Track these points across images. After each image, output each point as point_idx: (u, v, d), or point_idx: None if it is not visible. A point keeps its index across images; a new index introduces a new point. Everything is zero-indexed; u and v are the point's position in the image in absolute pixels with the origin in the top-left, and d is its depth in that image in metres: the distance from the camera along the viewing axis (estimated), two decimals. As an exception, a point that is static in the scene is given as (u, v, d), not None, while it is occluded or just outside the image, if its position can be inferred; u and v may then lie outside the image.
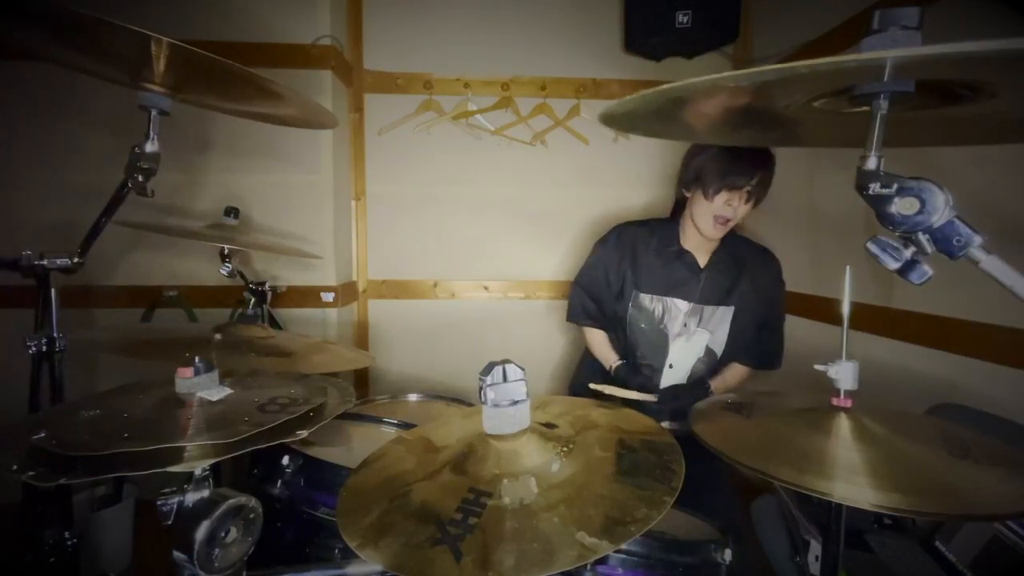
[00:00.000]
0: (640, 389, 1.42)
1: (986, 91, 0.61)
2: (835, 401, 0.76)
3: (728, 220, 1.38)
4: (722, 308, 1.49)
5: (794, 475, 0.65)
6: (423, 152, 2.26)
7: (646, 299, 1.51)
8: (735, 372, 1.54)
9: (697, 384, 1.51)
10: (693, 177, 1.39)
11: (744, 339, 1.51)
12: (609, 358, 1.56)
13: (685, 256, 1.49)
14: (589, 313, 1.60)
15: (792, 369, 1.96)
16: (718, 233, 1.41)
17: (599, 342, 1.60)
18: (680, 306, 1.49)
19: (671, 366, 1.52)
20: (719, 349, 1.51)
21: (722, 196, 1.35)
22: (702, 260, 1.50)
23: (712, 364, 1.53)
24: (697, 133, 0.99)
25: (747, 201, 1.37)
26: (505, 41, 2.25)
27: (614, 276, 1.55)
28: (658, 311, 1.50)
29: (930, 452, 0.71)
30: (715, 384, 1.50)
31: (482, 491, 0.64)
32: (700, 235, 1.45)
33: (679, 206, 1.52)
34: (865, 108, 0.64)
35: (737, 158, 1.32)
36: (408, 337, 2.34)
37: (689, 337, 1.50)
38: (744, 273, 1.49)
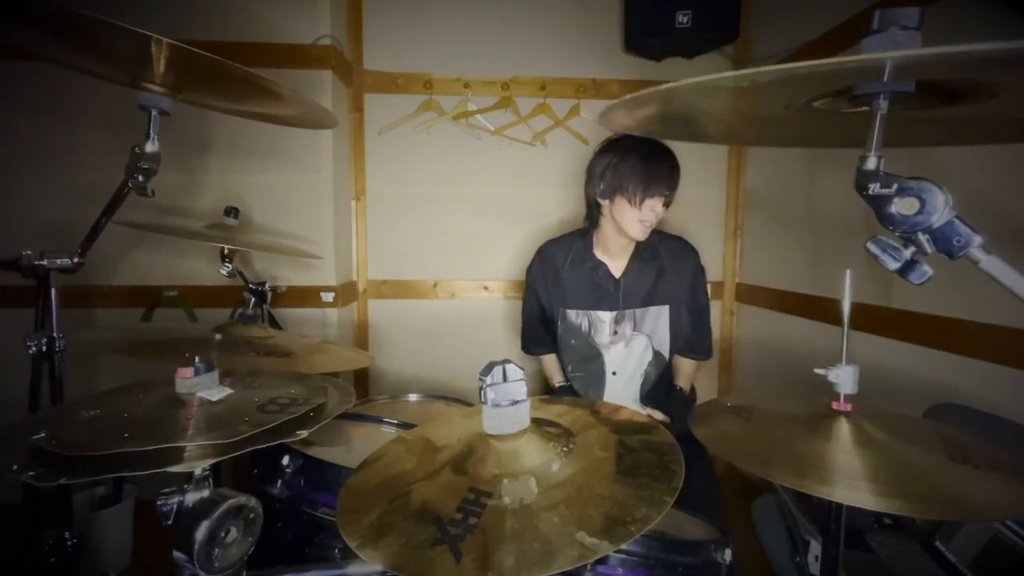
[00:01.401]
0: None
1: (986, 91, 0.61)
2: (835, 405, 0.76)
3: (653, 223, 1.43)
4: (654, 308, 1.53)
5: (795, 480, 0.65)
6: (423, 152, 2.26)
7: (572, 315, 1.56)
8: (687, 366, 1.61)
9: (672, 392, 1.58)
10: (614, 187, 1.42)
11: (684, 334, 1.57)
12: (555, 378, 1.62)
13: (600, 268, 1.54)
14: (539, 342, 1.65)
15: (791, 370, 1.97)
16: (645, 235, 1.45)
17: (549, 363, 1.65)
18: (603, 317, 1.54)
19: (614, 373, 1.55)
20: (665, 350, 1.55)
21: (647, 203, 1.40)
22: (618, 269, 1.54)
23: (662, 366, 1.56)
24: (696, 133, 0.99)
25: (665, 204, 1.44)
26: (505, 41, 2.25)
27: (544, 299, 1.61)
28: (584, 325, 1.55)
29: (930, 457, 0.71)
30: (681, 383, 1.59)
31: (482, 491, 0.64)
32: (622, 239, 1.49)
33: (592, 212, 1.53)
34: (865, 108, 0.64)
35: (658, 168, 1.39)
36: (408, 337, 2.34)
37: (628, 343, 1.54)
38: (666, 270, 1.54)
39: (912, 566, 1.07)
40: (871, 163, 0.63)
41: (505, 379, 0.70)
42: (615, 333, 1.54)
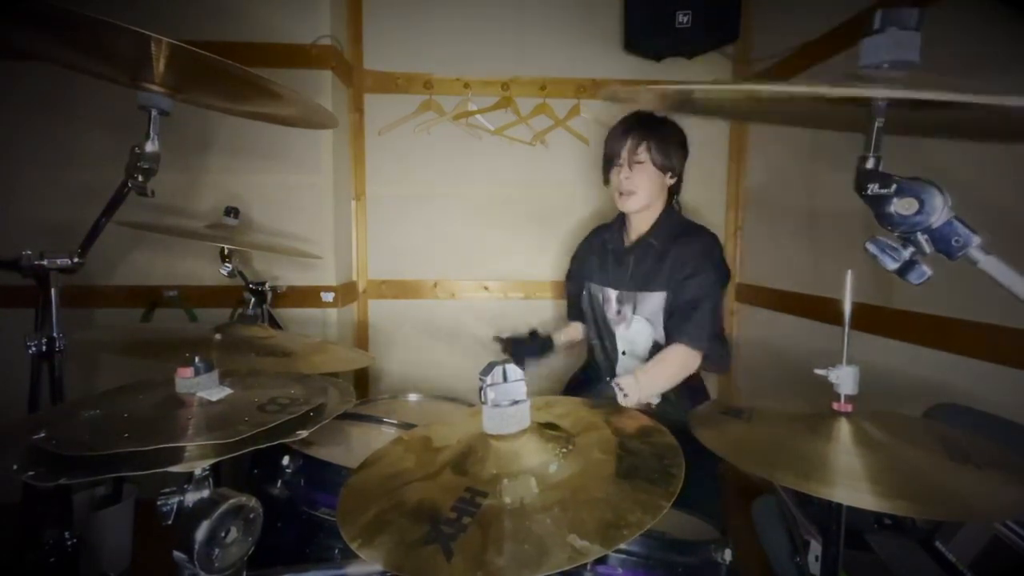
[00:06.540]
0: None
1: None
2: (836, 406, 0.76)
3: (631, 192, 1.42)
4: (655, 295, 1.44)
5: (796, 481, 0.65)
6: (423, 152, 2.26)
7: (593, 288, 1.57)
8: (669, 352, 1.38)
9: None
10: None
11: (676, 317, 1.41)
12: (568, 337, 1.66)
13: (622, 246, 1.54)
14: (569, 312, 1.70)
15: (791, 370, 1.97)
16: (626, 207, 1.45)
17: (569, 329, 1.68)
18: (610, 294, 1.53)
19: (624, 353, 1.53)
20: (663, 340, 1.45)
21: (613, 172, 1.45)
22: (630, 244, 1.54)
23: None
24: (696, 111, 0.98)
25: (639, 170, 1.41)
26: (505, 41, 2.25)
27: (574, 274, 1.66)
28: (599, 299, 1.56)
29: (930, 457, 0.71)
30: (648, 366, 1.37)
31: (478, 491, 0.64)
32: (629, 217, 1.51)
33: None
34: (864, 107, 0.64)
35: (613, 133, 1.43)
36: (408, 337, 2.34)
37: (628, 325, 1.50)
38: (668, 255, 1.43)
39: (912, 566, 1.07)
40: (870, 164, 0.63)
41: (505, 379, 0.70)
42: (618, 313, 1.52)
